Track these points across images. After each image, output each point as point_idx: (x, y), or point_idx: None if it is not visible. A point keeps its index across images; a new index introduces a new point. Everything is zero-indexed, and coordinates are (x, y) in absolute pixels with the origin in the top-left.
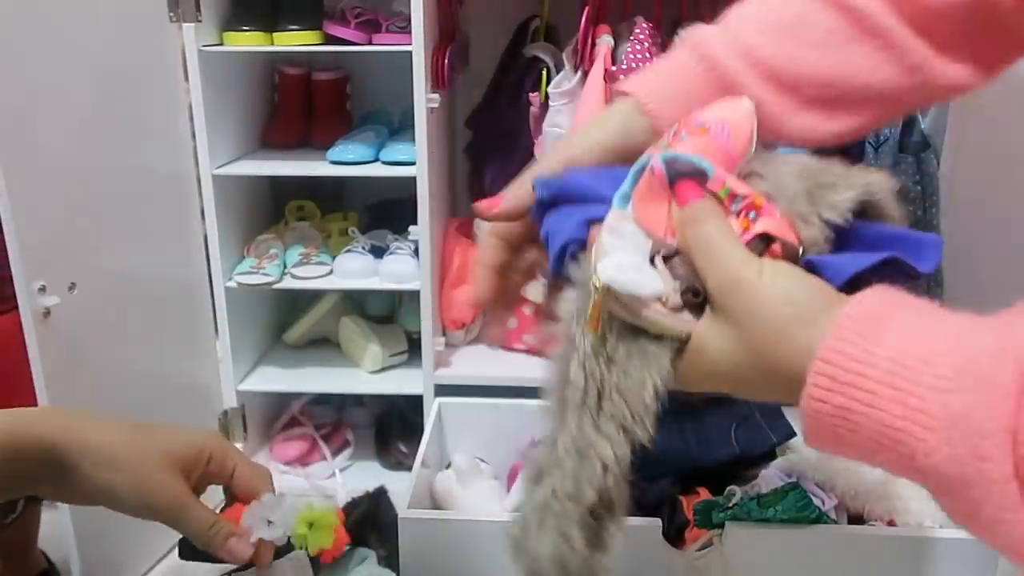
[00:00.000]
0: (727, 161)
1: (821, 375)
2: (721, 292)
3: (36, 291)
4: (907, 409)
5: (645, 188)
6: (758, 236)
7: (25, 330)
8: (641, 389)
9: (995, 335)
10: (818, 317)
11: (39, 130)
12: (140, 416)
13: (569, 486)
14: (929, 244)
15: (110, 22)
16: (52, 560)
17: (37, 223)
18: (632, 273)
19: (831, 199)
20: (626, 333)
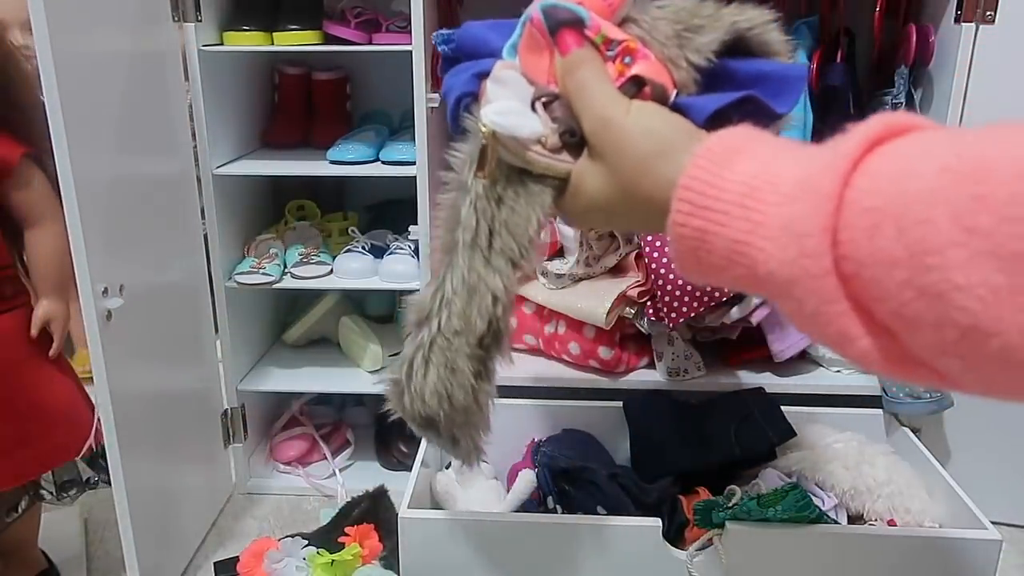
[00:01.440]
0: (606, 8)
1: (682, 200)
2: (593, 132)
3: (100, 293)
4: (751, 223)
5: (527, 38)
6: (631, 79)
7: (88, 331)
8: (527, 224)
9: (828, 151)
10: (678, 151)
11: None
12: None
13: (456, 323)
14: (793, 79)
15: (110, 22)
16: (52, 560)
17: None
18: (513, 117)
19: (697, 42)
20: (513, 175)
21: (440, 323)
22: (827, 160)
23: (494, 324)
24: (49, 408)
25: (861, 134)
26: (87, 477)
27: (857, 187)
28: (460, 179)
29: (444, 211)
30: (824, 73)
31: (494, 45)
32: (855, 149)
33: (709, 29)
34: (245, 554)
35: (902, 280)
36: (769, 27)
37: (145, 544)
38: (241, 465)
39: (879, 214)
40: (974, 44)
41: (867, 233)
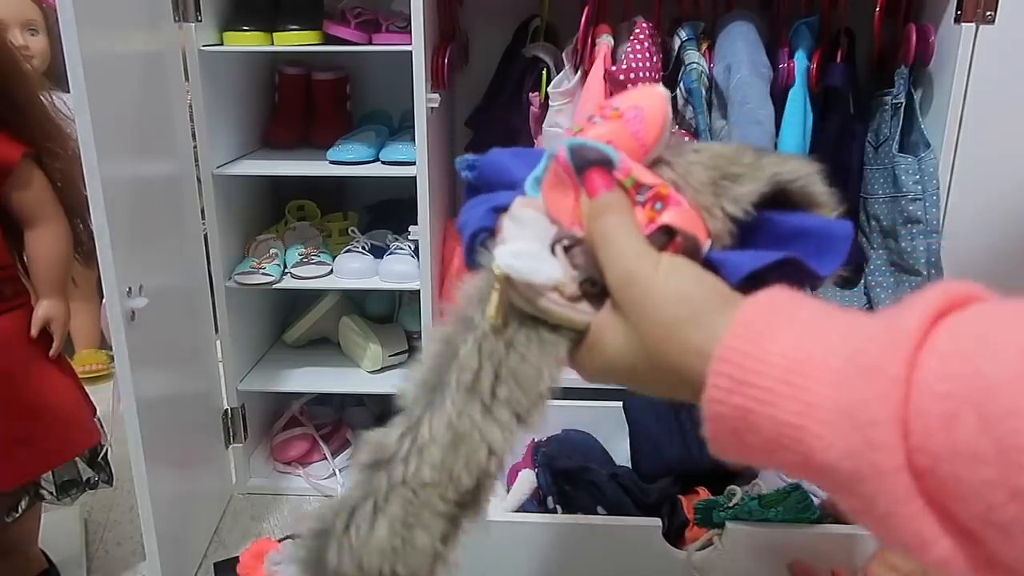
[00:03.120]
0: (639, 148)
1: (720, 375)
2: (617, 286)
3: (125, 293)
4: (803, 405)
5: (552, 175)
6: (661, 228)
7: (113, 332)
8: (538, 377)
9: (884, 326)
10: (710, 318)
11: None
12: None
13: (429, 473)
14: (838, 238)
15: (111, 23)
16: (52, 560)
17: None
18: (529, 261)
19: (734, 192)
20: (527, 319)
21: (407, 471)
22: (886, 335)
23: (483, 480)
24: (49, 408)
25: (923, 307)
26: (87, 477)
27: (926, 368)
28: (464, 314)
29: (435, 345)
30: (824, 73)
31: (516, 176)
32: (919, 324)
33: (748, 179)
34: (245, 555)
35: (990, 479)
36: (813, 179)
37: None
38: (241, 465)
39: (955, 401)
40: (974, 44)
41: (944, 423)
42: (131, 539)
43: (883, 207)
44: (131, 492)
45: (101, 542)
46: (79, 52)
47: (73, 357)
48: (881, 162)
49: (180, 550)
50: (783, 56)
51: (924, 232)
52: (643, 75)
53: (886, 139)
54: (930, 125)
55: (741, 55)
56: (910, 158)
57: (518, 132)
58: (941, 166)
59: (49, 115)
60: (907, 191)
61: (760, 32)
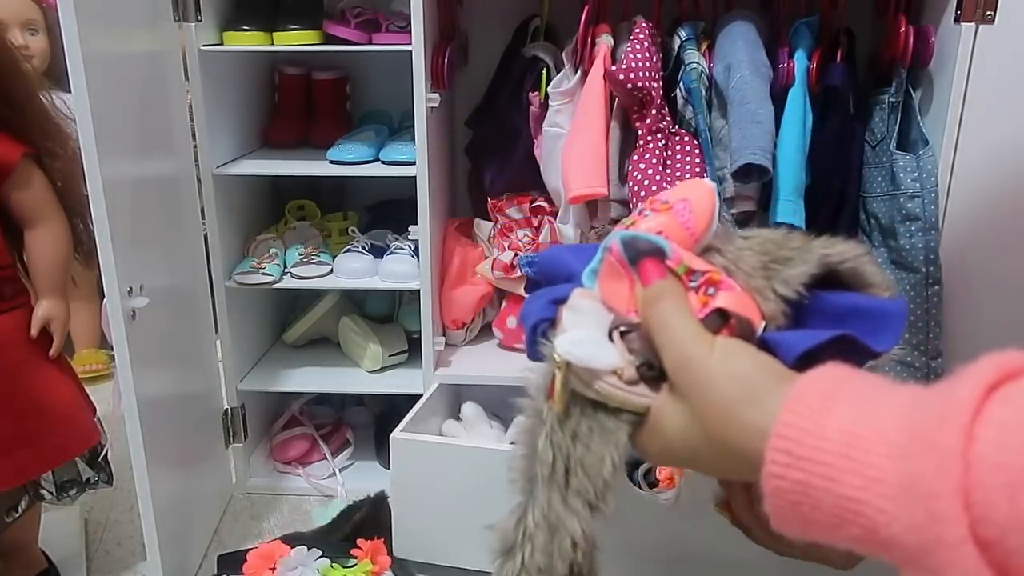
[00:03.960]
0: (689, 238)
1: (778, 451)
2: (674, 369)
3: (126, 293)
4: (864, 479)
5: (607, 267)
6: (715, 312)
7: (114, 331)
8: (601, 464)
9: (941, 400)
10: (765, 396)
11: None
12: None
13: (540, 559)
14: (892, 316)
15: (111, 23)
16: (52, 560)
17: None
18: (588, 347)
19: (785, 274)
20: (588, 409)
21: (523, 558)
22: (940, 408)
23: (575, 568)
24: (49, 408)
25: (976, 379)
26: (87, 477)
27: (984, 440)
28: (536, 406)
29: (523, 437)
30: (824, 73)
31: (574, 269)
32: (973, 396)
33: (798, 261)
34: (253, 556)
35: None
36: (863, 260)
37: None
38: (241, 465)
39: (1015, 472)
40: (974, 44)
41: (1007, 494)
42: (131, 539)
43: (881, 205)
44: (131, 492)
45: (101, 542)
46: (80, 52)
47: (73, 357)
48: (879, 160)
49: (180, 550)
50: (783, 56)
51: (923, 229)
52: (643, 75)
53: (883, 137)
54: (930, 124)
55: (741, 55)
56: (908, 156)
57: (518, 132)
58: (941, 165)
59: (49, 115)
60: (905, 188)
61: (760, 32)
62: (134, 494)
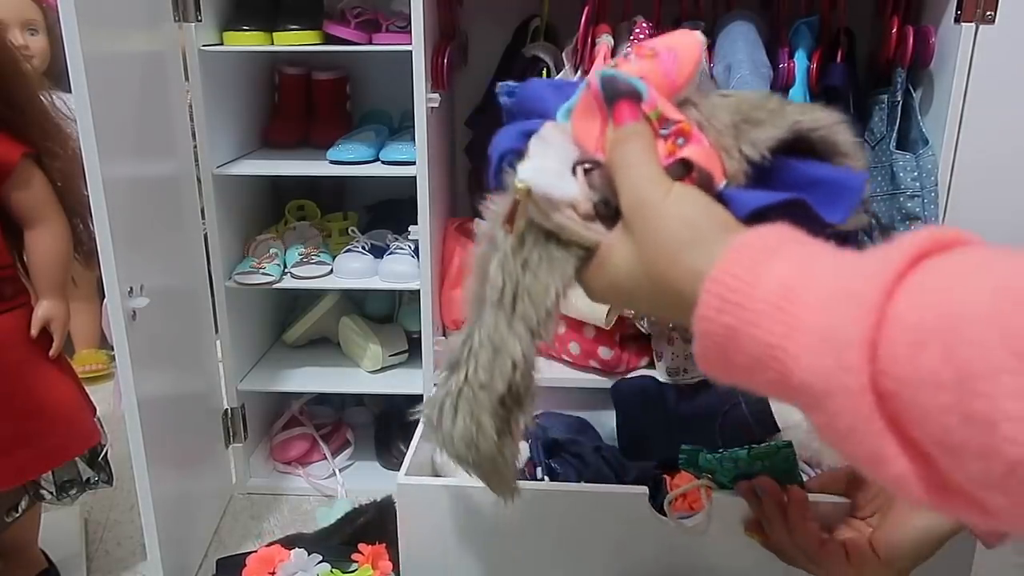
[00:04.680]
0: (669, 86)
1: (711, 295)
2: (628, 208)
3: (127, 293)
4: (786, 327)
5: (583, 103)
6: (679, 161)
7: (115, 331)
8: (545, 294)
9: (873, 259)
10: (710, 242)
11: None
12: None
13: (482, 376)
14: (849, 189)
15: (112, 23)
16: (52, 560)
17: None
18: (550, 176)
19: (753, 136)
20: (540, 239)
21: (467, 373)
22: (870, 270)
23: (513, 387)
24: (49, 408)
25: (906, 246)
26: (87, 477)
27: (902, 301)
28: (491, 233)
29: (475, 264)
30: (824, 73)
31: (551, 104)
32: (900, 262)
33: (769, 125)
34: (253, 559)
35: (946, 404)
36: (837, 128)
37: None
38: (241, 465)
39: (924, 332)
40: (974, 44)
41: (910, 350)
42: (131, 539)
43: (881, 205)
44: (131, 492)
45: (101, 542)
46: (80, 52)
47: (73, 357)
48: (879, 160)
49: (180, 550)
50: (783, 56)
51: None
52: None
53: (883, 137)
54: (930, 124)
55: (741, 55)
56: (908, 155)
57: None
58: (941, 166)
59: (49, 115)
60: (905, 188)
61: (760, 32)
62: (134, 494)
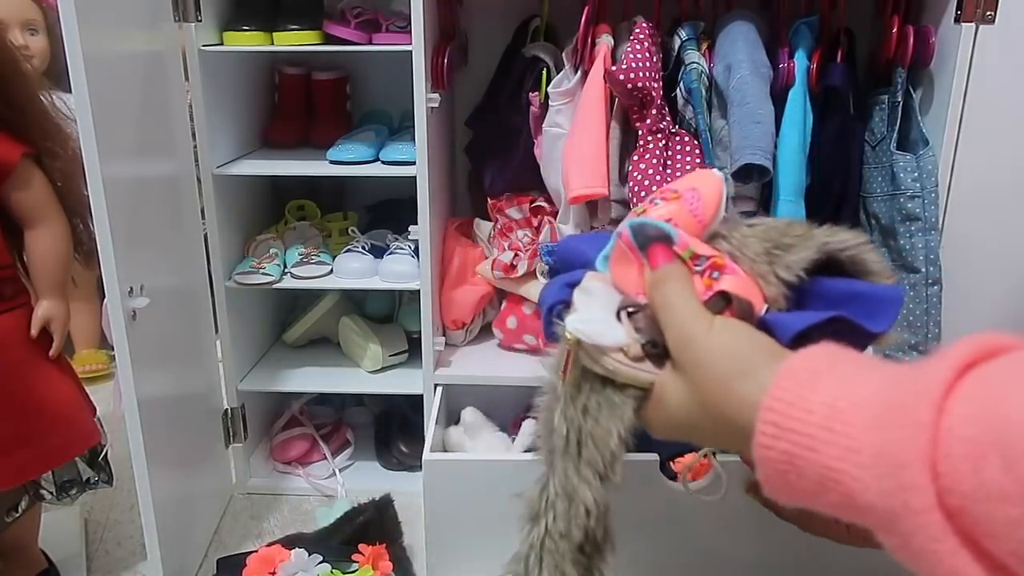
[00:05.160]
0: (696, 225)
1: (766, 423)
2: (676, 346)
3: (127, 293)
4: (841, 449)
5: (618, 251)
6: (717, 294)
7: (115, 331)
8: (609, 437)
9: (918, 376)
10: (758, 371)
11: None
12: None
13: (561, 525)
14: (888, 301)
15: (112, 23)
16: (52, 560)
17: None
18: (596, 325)
19: (787, 259)
20: (597, 384)
21: (547, 524)
22: (917, 384)
23: (590, 534)
24: (49, 408)
25: (952, 358)
26: (87, 477)
27: (953, 414)
28: (552, 384)
29: (542, 414)
30: (824, 73)
31: (588, 256)
32: (947, 374)
33: (800, 248)
34: (253, 559)
35: (1016, 517)
36: (864, 248)
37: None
38: (241, 465)
39: (981, 445)
40: (974, 44)
41: (971, 465)
42: (131, 539)
43: (881, 205)
44: (131, 492)
45: (101, 542)
46: (80, 52)
47: (73, 357)
48: (879, 160)
49: (180, 550)
50: (783, 56)
51: (923, 229)
52: (643, 75)
53: (883, 137)
54: (930, 124)
55: (741, 55)
56: (908, 156)
57: (518, 132)
58: (941, 166)
59: (49, 115)
60: (905, 188)
61: (760, 32)
62: (134, 494)
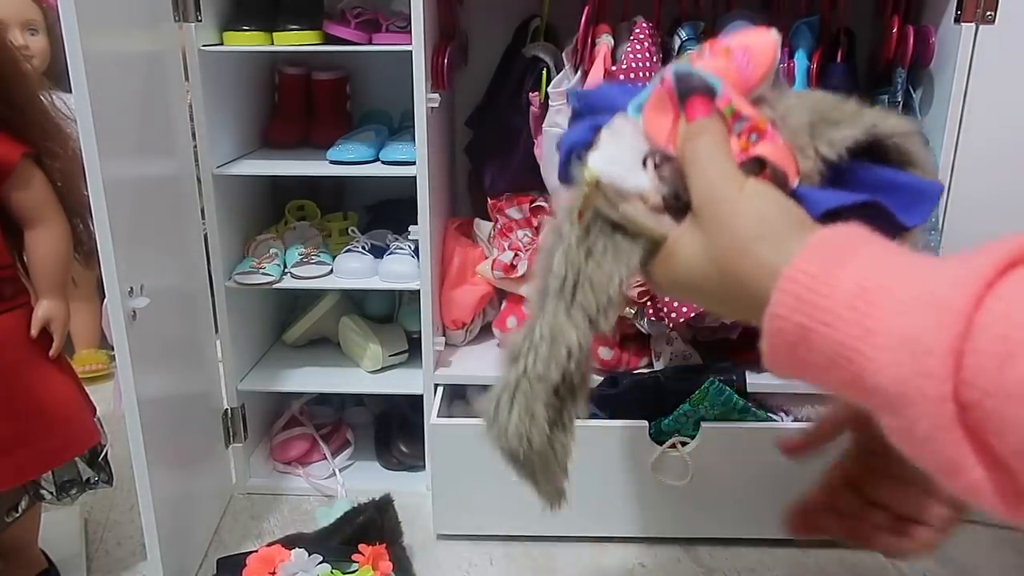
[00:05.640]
0: (742, 84)
1: (785, 293)
2: (700, 201)
3: (127, 293)
4: (863, 330)
5: (655, 98)
6: (752, 159)
7: (115, 331)
8: (608, 281)
9: (957, 267)
10: (786, 240)
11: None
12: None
13: (540, 367)
14: (927, 195)
15: (112, 22)
16: (52, 560)
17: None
18: (620, 167)
19: (831, 135)
20: (607, 229)
21: (527, 366)
22: (955, 275)
23: (568, 377)
24: (49, 408)
25: (996, 254)
26: (87, 477)
27: (991, 310)
28: (558, 226)
29: (541, 256)
30: (824, 73)
31: (620, 102)
32: (989, 269)
33: (847, 125)
34: (253, 559)
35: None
36: (912, 138)
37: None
38: (241, 465)
39: (1014, 343)
40: (974, 44)
41: (997, 362)
42: (131, 539)
43: None
44: (131, 492)
45: (101, 542)
46: (80, 52)
47: (73, 357)
48: None
49: (181, 550)
50: (783, 56)
51: (923, 230)
52: (643, 75)
53: None
54: (930, 125)
55: None
56: None
57: (518, 132)
58: (941, 166)
59: (49, 115)
60: None
61: None
62: (134, 494)
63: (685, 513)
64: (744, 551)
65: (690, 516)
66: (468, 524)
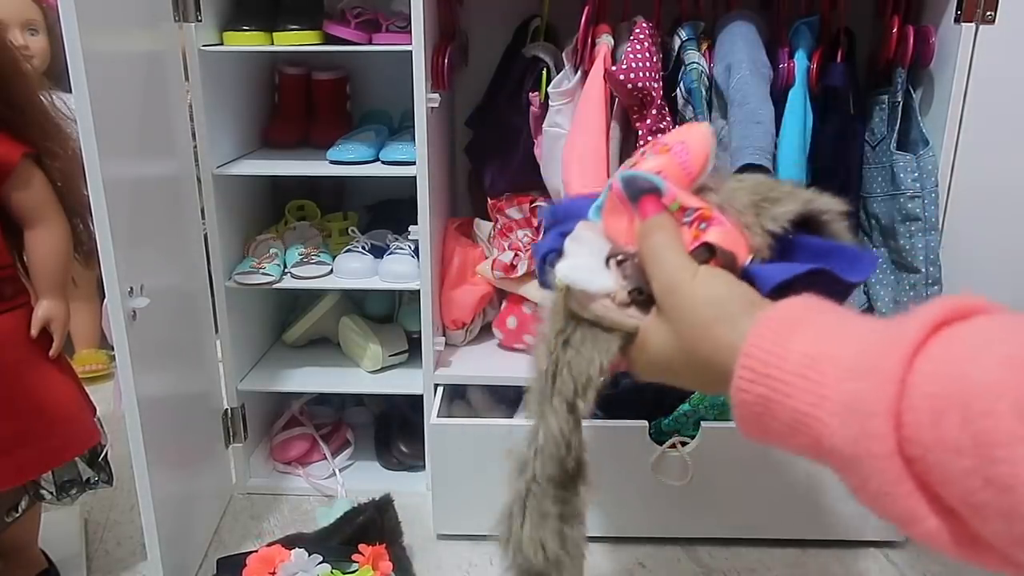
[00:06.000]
0: (685, 176)
1: (745, 368)
2: (660, 293)
3: (127, 293)
4: (815, 397)
5: (609, 203)
6: (703, 245)
7: (115, 331)
8: (588, 365)
9: (892, 333)
10: (738, 318)
11: None
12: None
13: (550, 468)
14: (865, 258)
15: (112, 22)
16: (52, 560)
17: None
18: (585, 273)
19: (774, 212)
20: (585, 324)
21: (535, 471)
22: (889, 340)
23: (564, 465)
24: (49, 408)
25: (925, 317)
26: (87, 477)
27: (920, 371)
28: (543, 331)
29: (534, 362)
30: (824, 73)
31: (585, 212)
32: (918, 332)
33: (787, 201)
34: (253, 559)
35: (968, 468)
36: (840, 218)
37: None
38: (241, 465)
39: (942, 400)
40: (974, 44)
41: (931, 418)
42: (131, 539)
43: (882, 205)
44: (131, 492)
45: (101, 542)
46: (80, 52)
47: (73, 357)
48: (879, 160)
49: (181, 550)
50: (783, 56)
51: (923, 230)
52: (643, 75)
53: (883, 137)
54: (930, 125)
55: (741, 55)
56: (908, 156)
57: (518, 132)
58: (941, 166)
59: (49, 115)
60: (905, 188)
61: (760, 32)
62: (134, 494)
63: (685, 513)
64: (744, 551)
65: (690, 516)
66: (468, 524)
